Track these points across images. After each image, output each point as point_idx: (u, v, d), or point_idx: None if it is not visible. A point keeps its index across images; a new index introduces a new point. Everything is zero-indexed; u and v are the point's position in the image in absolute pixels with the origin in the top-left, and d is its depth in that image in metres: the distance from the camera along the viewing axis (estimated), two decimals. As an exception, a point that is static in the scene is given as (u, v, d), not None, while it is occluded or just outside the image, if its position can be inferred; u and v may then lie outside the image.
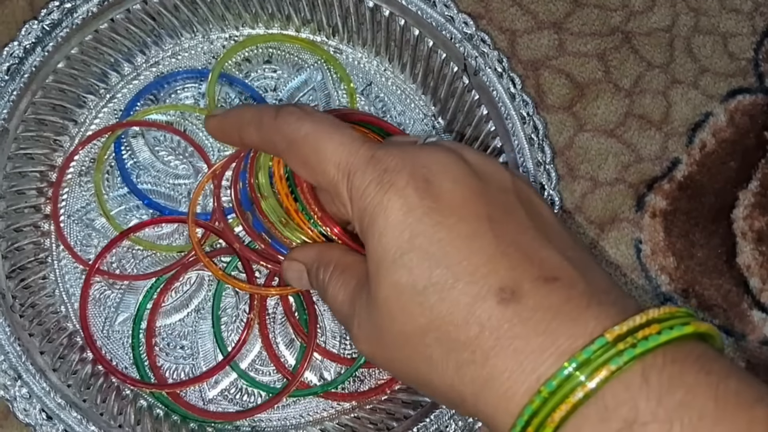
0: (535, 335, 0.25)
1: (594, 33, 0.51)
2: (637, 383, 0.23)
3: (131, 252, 0.45)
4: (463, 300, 0.26)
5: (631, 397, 0.23)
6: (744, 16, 0.52)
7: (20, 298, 0.42)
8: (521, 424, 0.25)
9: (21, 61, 0.43)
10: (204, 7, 0.47)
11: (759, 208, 0.49)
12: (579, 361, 0.24)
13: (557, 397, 0.24)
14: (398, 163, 0.29)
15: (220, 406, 0.43)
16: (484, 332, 0.26)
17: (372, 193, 0.28)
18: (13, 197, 0.43)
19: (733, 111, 0.50)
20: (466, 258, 0.26)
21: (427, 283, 0.27)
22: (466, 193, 0.28)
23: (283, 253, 0.42)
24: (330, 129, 0.32)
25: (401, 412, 0.41)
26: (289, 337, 0.44)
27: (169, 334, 0.44)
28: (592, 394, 0.24)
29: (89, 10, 0.44)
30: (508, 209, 0.28)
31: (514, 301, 0.26)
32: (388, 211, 0.28)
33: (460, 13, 0.46)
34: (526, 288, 0.26)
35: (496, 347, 0.25)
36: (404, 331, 0.27)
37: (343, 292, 0.32)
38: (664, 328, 0.24)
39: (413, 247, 0.27)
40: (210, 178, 0.45)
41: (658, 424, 0.22)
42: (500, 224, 0.27)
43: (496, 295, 0.26)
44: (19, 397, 0.39)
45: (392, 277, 0.27)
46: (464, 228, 0.27)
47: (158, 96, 0.47)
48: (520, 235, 0.27)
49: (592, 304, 0.26)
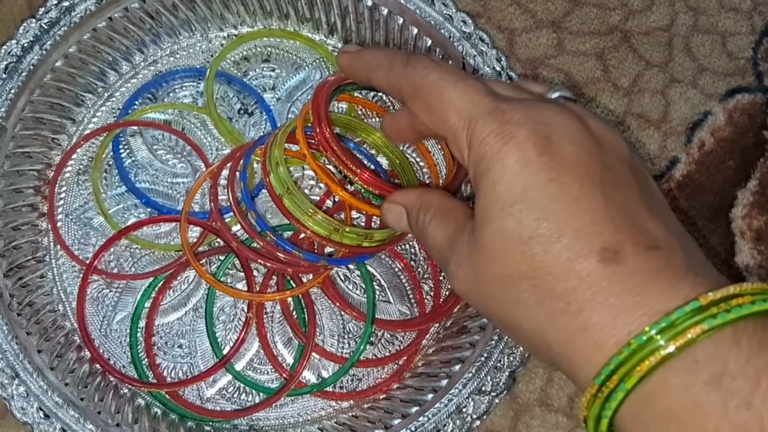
0: (631, 295, 0.26)
1: (593, 32, 0.51)
2: (727, 343, 0.25)
3: (129, 251, 0.45)
4: (565, 254, 0.27)
5: (722, 354, 0.24)
6: (743, 16, 0.52)
7: (18, 296, 0.42)
8: (606, 372, 0.26)
9: (19, 59, 0.43)
10: (203, 6, 0.47)
11: (758, 207, 0.49)
12: (671, 320, 0.25)
13: (646, 350, 0.25)
14: (521, 117, 0.29)
15: (218, 404, 0.43)
16: (582, 286, 0.27)
17: (491, 142, 0.29)
18: (11, 195, 0.43)
19: (732, 110, 0.50)
20: (574, 216, 0.28)
21: (533, 234, 0.28)
22: (584, 155, 0.29)
23: (287, 250, 0.42)
24: (456, 78, 0.32)
25: (399, 410, 0.41)
26: (287, 336, 0.44)
27: (167, 333, 0.44)
28: (683, 349, 0.25)
29: (87, 8, 0.44)
30: (620, 177, 0.29)
31: (615, 261, 0.27)
32: (506, 161, 0.29)
33: (458, 12, 0.46)
34: (628, 251, 0.27)
35: (592, 301, 0.27)
36: (503, 275, 0.29)
37: (442, 233, 0.34)
38: (757, 299, 0.25)
39: (525, 199, 0.28)
40: (206, 178, 0.45)
41: (746, 379, 0.24)
42: (611, 190, 0.28)
43: (599, 254, 0.27)
44: (17, 395, 0.39)
45: (500, 223, 0.28)
46: (576, 188, 0.28)
47: (156, 95, 0.47)
48: (628, 203, 0.28)
49: (689, 274, 0.27)
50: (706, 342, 0.25)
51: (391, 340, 0.45)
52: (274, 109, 0.47)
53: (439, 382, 0.41)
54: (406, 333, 0.45)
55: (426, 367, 0.44)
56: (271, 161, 0.41)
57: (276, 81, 0.48)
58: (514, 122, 0.29)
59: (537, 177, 0.28)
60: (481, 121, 0.30)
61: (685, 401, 0.25)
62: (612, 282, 0.27)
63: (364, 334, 0.43)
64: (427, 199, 0.37)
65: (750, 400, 0.24)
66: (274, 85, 0.48)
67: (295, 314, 0.44)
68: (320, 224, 0.41)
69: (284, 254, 0.42)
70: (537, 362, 0.45)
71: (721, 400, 0.24)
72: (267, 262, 0.43)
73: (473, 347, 0.41)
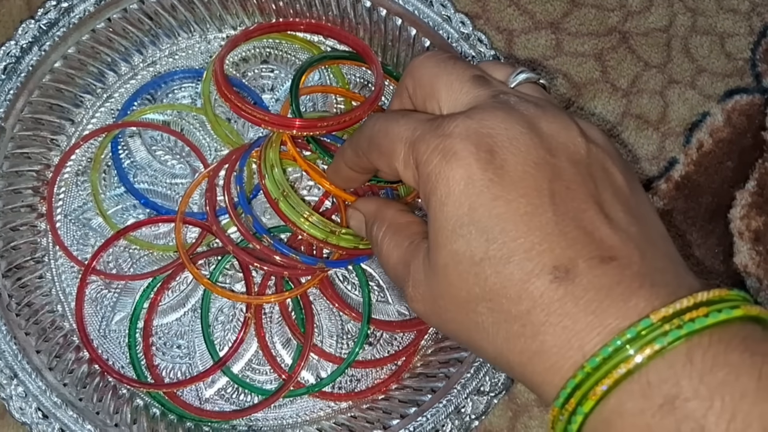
0: (584, 314, 0.26)
1: (591, 33, 0.51)
2: (681, 362, 0.24)
3: (128, 251, 0.45)
4: (517, 275, 0.27)
5: (674, 374, 0.24)
6: (741, 17, 0.52)
7: (17, 296, 0.42)
8: (564, 396, 0.25)
9: (18, 60, 0.43)
10: (201, 7, 0.47)
11: (756, 208, 0.49)
12: (623, 340, 0.24)
13: (600, 372, 0.25)
14: (461, 131, 0.28)
15: (216, 405, 0.43)
16: (536, 308, 0.26)
17: (434, 161, 0.29)
18: (10, 196, 0.43)
19: (730, 111, 0.51)
20: (522, 235, 0.27)
21: (484, 256, 0.27)
22: (530, 167, 0.28)
23: (284, 254, 0.42)
24: (398, 115, 0.32)
25: (398, 410, 0.41)
26: (286, 337, 0.44)
27: (165, 334, 0.44)
28: (636, 370, 0.24)
29: (86, 9, 0.44)
30: (574, 184, 0.28)
31: (567, 280, 0.26)
32: (450, 181, 0.28)
33: (457, 13, 0.46)
34: (580, 267, 0.26)
35: (546, 323, 0.26)
36: (459, 298, 0.28)
37: (396, 252, 0.33)
38: (712, 311, 0.25)
39: (472, 220, 0.27)
40: (202, 179, 0.45)
41: (699, 401, 0.23)
42: (563, 201, 0.27)
43: (550, 273, 0.26)
44: (15, 395, 0.39)
45: (451, 246, 0.28)
46: (524, 204, 0.27)
47: (155, 95, 0.48)
48: (582, 212, 0.27)
49: (644, 284, 0.26)
50: (659, 362, 0.24)
51: (389, 341, 0.45)
52: (272, 110, 0.47)
53: (438, 383, 0.41)
54: (405, 333, 0.45)
55: (424, 367, 0.44)
56: (266, 164, 0.41)
57: (275, 82, 0.48)
58: (454, 136, 0.28)
59: (482, 195, 0.27)
60: (423, 140, 0.29)
61: (638, 426, 0.24)
62: (564, 302, 0.26)
63: (360, 334, 0.43)
64: (382, 213, 0.36)
65: (703, 424, 0.23)
66: (273, 86, 0.48)
67: (293, 315, 0.44)
68: (316, 227, 0.41)
69: (281, 257, 0.43)
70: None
71: (674, 424, 0.23)
72: (264, 265, 0.43)
73: (472, 348, 0.41)
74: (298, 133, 0.42)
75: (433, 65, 0.33)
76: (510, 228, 0.27)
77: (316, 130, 0.43)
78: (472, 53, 0.45)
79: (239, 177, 0.44)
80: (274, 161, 0.41)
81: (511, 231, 0.27)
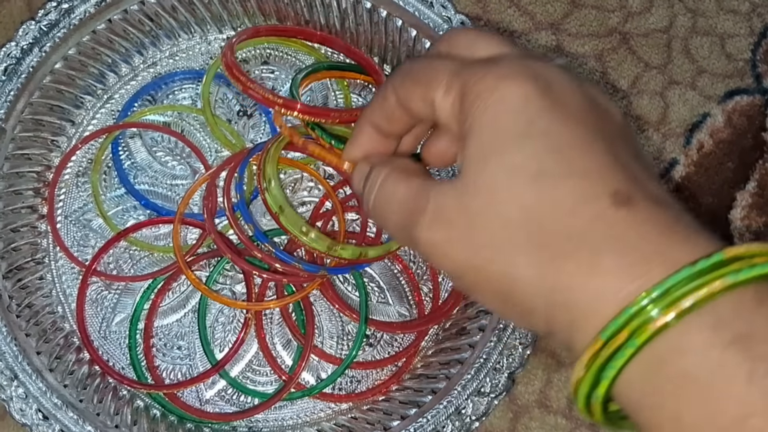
0: (646, 242, 0.24)
1: (592, 34, 0.51)
2: (752, 303, 0.23)
3: (128, 252, 0.45)
4: (577, 191, 0.25)
5: (747, 314, 0.22)
6: (741, 18, 0.52)
7: (17, 298, 0.42)
8: (615, 326, 0.23)
9: (18, 61, 0.43)
10: (202, 8, 0.47)
11: (756, 209, 0.49)
12: (694, 271, 0.23)
13: (663, 302, 0.23)
14: (516, 65, 0.27)
15: (216, 406, 0.43)
16: (593, 228, 0.25)
17: (488, 81, 0.27)
18: (10, 197, 0.43)
19: (731, 112, 0.51)
20: (582, 156, 0.26)
21: (542, 168, 0.26)
22: (586, 106, 0.27)
23: (286, 261, 0.42)
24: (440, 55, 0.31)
25: (398, 412, 0.41)
26: (286, 338, 0.44)
27: (165, 335, 0.44)
28: (703, 303, 0.23)
29: (87, 10, 0.44)
30: (620, 136, 0.28)
31: (627, 206, 0.25)
32: (507, 97, 0.26)
33: (457, 14, 0.46)
34: (639, 200, 0.25)
35: (603, 246, 0.24)
36: (505, 217, 0.26)
37: (403, 187, 0.30)
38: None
39: (531, 133, 0.26)
40: (202, 183, 0.45)
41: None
42: (614, 144, 0.27)
43: (611, 197, 0.25)
44: (16, 397, 0.39)
45: (504, 157, 0.26)
46: (582, 132, 0.26)
47: (156, 97, 0.48)
48: (631, 161, 0.27)
49: (701, 231, 0.25)
50: (728, 298, 0.22)
51: (390, 342, 0.45)
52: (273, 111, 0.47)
53: (438, 384, 0.41)
54: (405, 335, 0.45)
55: (425, 368, 0.44)
56: (265, 178, 0.41)
57: (275, 83, 0.48)
58: (511, 66, 0.27)
59: (542, 115, 0.26)
60: (471, 68, 0.28)
61: (706, 363, 0.22)
62: (625, 227, 0.24)
63: (357, 334, 0.43)
64: (384, 159, 0.32)
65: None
66: (273, 86, 0.48)
67: (294, 316, 0.44)
68: (315, 242, 0.41)
69: (282, 265, 0.43)
70: (536, 364, 0.45)
71: (748, 363, 0.22)
72: (264, 273, 0.43)
73: (472, 349, 0.41)
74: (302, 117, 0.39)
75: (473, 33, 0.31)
76: (570, 149, 0.26)
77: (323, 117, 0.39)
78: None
79: (239, 185, 0.44)
80: (272, 175, 0.41)
81: (571, 151, 0.26)
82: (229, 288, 0.45)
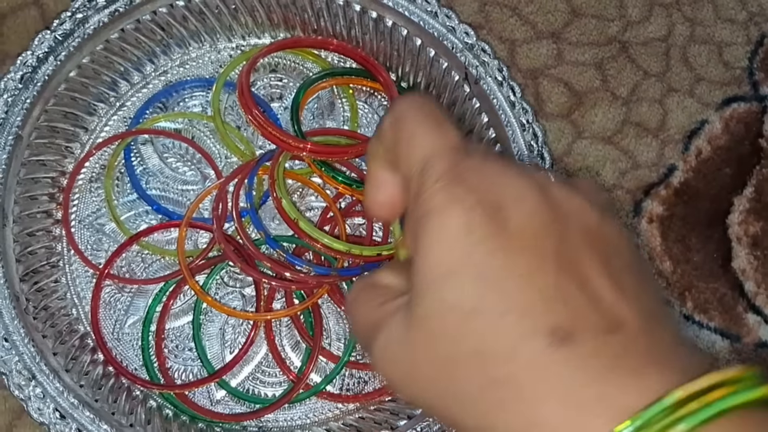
0: (586, 386, 0.23)
1: (592, 43, 0.52)
2: None
3: (140, 256, 0.46)
4: (512, 332, 0.24)
5: None
6: (738, 26, 0.53)
7: (33, 300, 0.43)
8: None
9: (34, 70, 0.45)
10: (212, 18, 0.48)
11: (754, 214, 0.50)
12: (645, 419, 0.22)
13: None
14: (474, 181, 0.26)
15: (227, 406, 0.44)
16: (530, 372, 0.23)
17: (438, 200, 0.26)
18: (27, 202, 0.44)
19: (728, 119, 0.52)
20: (522, 291, 0.24)
21: (477, 306, 0.24)
22: (538, 227, 0.25)
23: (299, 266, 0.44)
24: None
25: (405, 411, 0.42)
26: (295, 340, 0.45)
27: (177, 337, 0.45)
28: None
29: (100, 20, 0.46)
30: (582, 250, 0.26)
31: (566, 344, 0.23)
32: (448, 226, 0.25)
33: (461, 24, 0.47)
34: (582, 333, 0.23)
35: (541, 391, 0.23)
36: (442, 354, 0.25)
37: (364, 309, 0.29)
38: (729, 393, 0.22)
39: (467, 267, 0.25)
40: (210, 192, 0.47)
41: None
42: (569, 264, 0.25)
43: (548, 336, 0.23)
44: (34, 396, 0.40)
45: (439, 294, 0.25)
46: (525, 261, 0.24)
47: (167, 104, 0.49)
48: (588, 279, 0.25)
49: (653, 361, 0.23)
50: None
51: (396, 344, 0.46)
52: (281, 119, 0.48)
53: (444, 384, 0.42)
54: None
55: (430, 369, 0.44)
56: (280, 190, 0.44)
57: (283, 90, 0.49)
58: (466, 182, 0.26)
59: (482, 245, 0.25)
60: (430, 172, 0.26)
61: None
62: (563, 369, 0.23)
63: None
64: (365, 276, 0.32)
65: None
66: (282, 94, 0.49)
67: (302, 318, 0.45)
68: (336, 242, 0.43)
69: (292, 272, 0.44)
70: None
71: None
72: (272, 281, 0.44)
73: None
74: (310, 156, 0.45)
75: None
76: (509, 283, 0.24)
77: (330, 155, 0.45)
78: (476, 62, 0.46)
79: (249, 195, 0.45)
80: (284, 195, 0.44)
81: (509, 286, 0.24)
82: (239, 291, 0.46)
